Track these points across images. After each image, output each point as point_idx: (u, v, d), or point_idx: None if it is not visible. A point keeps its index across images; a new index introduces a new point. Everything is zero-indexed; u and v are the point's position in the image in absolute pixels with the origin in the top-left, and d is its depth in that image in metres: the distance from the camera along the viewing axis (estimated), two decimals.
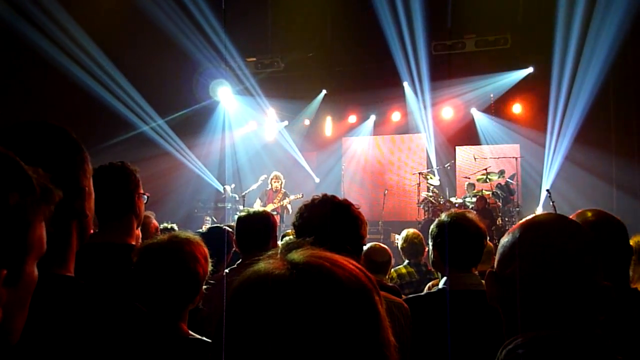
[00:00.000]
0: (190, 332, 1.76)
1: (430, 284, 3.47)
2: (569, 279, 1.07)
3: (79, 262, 1.28)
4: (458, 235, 2.20)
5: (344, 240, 1.76)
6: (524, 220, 1.19)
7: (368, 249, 3.58)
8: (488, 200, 9.83)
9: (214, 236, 3.09)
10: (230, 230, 3.38)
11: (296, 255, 0.77)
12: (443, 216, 2.31)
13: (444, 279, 2.22)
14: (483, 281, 2.22)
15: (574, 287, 1.07)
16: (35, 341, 1.00)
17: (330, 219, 1.81)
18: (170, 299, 1.72)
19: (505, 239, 1.18)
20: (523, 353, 1.05)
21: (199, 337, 1.74)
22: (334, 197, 1.92)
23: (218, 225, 3.97)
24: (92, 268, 1.71)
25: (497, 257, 1.19)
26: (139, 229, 2.26)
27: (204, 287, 1.81)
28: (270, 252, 0.80)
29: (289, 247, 0.80)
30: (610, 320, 1.17)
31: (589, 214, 1.91)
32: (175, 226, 3.77)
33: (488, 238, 2.64)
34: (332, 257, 0.78)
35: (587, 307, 1.07)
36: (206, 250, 1.83)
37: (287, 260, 0.76)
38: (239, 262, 2.81)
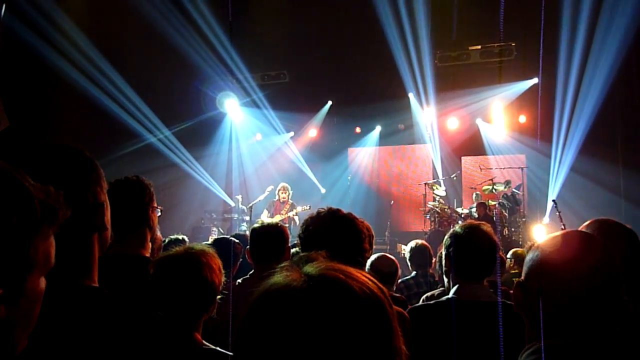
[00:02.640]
0: (205, 342, 1.79)
1: (424, 296, 3.43)
2: (591, 293, 1.17)
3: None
4: (471, 247, 2.21)
5: (347, 253, 1.80)
6: (549, 236, 1.29)
7: (375, 259, 3.58)
8: (493, 210, 9.80)
9: (220, 247, 3.10)
10: (237, 241, 3.39)
11: (312, 268, 0.79)
12: (457, 227, 2.32)
13: (455, 288, 2.22)
14: (492, 291, 2.26)
15: (595, 301, 1.17)
16: (63, 348, 1.05)
17: (334, 232, 1.85)
18: (187, 309, 1.76)
19: (533, 254, 1.28)
20: (537, 358, 1.13)
21: (213, 347, 1.78)
22: (338, 210, 1.95)
23: (224, 236, 3.98)
24: (107, 279, 1.76)
25: (524, 270, 1.30)
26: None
27: (218, 297, 1.86)
28: (284, 264, 0.83)
29: (301, 260, 0.83)
30: (626, 332, 1.26)
31: (600, 223, 1.91)
32: (186, 237, 3.80)
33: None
34: (347, 269, 0.80)
35: (606, 319, 1.16)
36: (220, 261, 1.88)
37: (304, 273, 0.78)
38: (251, 272, 2.83)
